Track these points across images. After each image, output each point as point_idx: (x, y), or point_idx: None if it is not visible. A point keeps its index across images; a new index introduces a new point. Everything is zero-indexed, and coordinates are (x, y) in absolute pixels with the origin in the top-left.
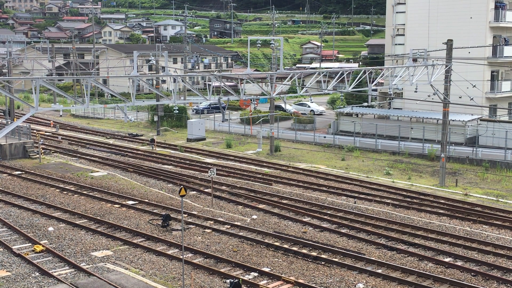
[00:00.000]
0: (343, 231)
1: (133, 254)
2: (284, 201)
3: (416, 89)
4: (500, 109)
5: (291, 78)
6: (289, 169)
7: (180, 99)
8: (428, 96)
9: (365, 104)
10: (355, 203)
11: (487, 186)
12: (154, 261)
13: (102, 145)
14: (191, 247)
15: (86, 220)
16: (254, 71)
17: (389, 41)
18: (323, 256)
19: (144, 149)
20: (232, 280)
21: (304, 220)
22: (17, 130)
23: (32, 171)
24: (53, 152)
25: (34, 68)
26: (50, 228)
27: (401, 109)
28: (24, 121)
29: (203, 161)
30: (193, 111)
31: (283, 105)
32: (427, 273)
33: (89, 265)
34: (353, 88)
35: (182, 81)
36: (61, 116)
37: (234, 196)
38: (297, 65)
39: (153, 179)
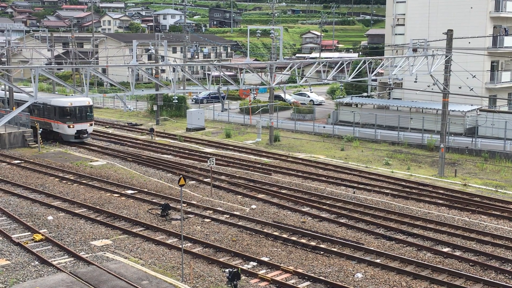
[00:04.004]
0: (342, 221)
1: (133, 243)
2: (283, 191)
3: (416, 79)
4: (500, 99)
5: (290, 68)
6: (289, 159)
7: (180, 89)
8: (428, 86)
9: (365, 94)
10: (354, 193)
11: (486, 177)
12: (153, 250)
13: (101, 134)
14: (190, 236)
15: (85, 209)
16: (253, 60)
17: (389, 31)
18: (322, 245)
19: (143, 138)
20: (231, 270)
21: (303, 210)
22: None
23: (31, 160)
24: (52, 141)
25: (33, 57)
26: (50, 217)
27: (401, 99)
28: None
29: (203, 150)
30: (192, 100)
31: (282, 95)
32: (425, 263)
33: (88, 254)
34: (353, 78)
35: (182, 70)
36: None
37: (233, 186)
38: (297, 55)
39: (153, 168)
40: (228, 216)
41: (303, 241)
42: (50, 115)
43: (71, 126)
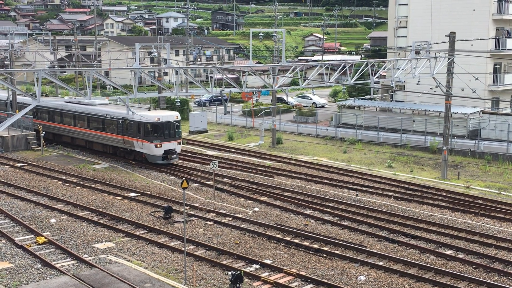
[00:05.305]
0: (344, 223)
1: (135, 246)
2: (286, 194)
3: (419, 81)
4: (502, 101)
5: (293, 70)
6: (291, 161)
7: (182, 92)
8: (431, 88)
9: (367, 96)
10: (357, 196)
11: (489, 179)
12: (156, 253)
13: None
14: (193, 239)
15: (88, 212)
16: (256, 63)
17: (391, 34)
18: (324, 248)
19: None
20: (233, 272)
21: (306, 212)
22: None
23: (34, 163)
24: (55, 144)
25: (36, 60)
26: (53, 220)
27: (403, 101)
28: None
29: (205, 153)
30: (195, 103)
31: (285, 98)
32: (428, 265)
33: (91, 257)
34: (355, 80)
35: (184, 73)
36: None
37: (236, 189)
38: (299, 58)
39: (155, 171)
40: (230, 218)
41: (306, 243)
42: (131, 132)
43: (158, 146)
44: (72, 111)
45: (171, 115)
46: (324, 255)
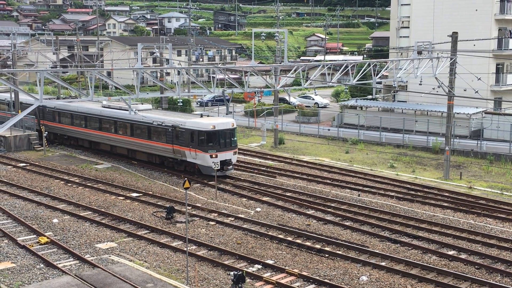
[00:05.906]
0: (347, 223)
1: (137, 246)
2: (288, 194)
3: (421, 81)
4: (505, 102)
5: (295, 70)
6: (293, 161)
7: (184, 92)
8: (433, 89)
9: (370, 96)
10: (359, 196)
11: (491, 179)
12: (158, 253)
13: None
14: (195, 239)
15: (90, 212)
16: (258, 63)
17: (393, 34)
18: (326, 248)
19: None
20: (236, 272)
21: (308, 212)
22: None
23: (36, 163)
24: (57, 144)
25: (39, 61)
26: (55, 220)
27: (406, 102)
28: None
29: None
30: (197, 103)
31: (287, 98)
32: (430, 266)
33: (93, 257)
34: (358, 81)
35: (186, 73)
36: None
37: (238, 189)
38: (302, 58)
39: (157, 171)
40: (233, 219)
41: (308, 244)
42: (183, 140)
43: (214, 156)
44: (112, 117)
45: (227, 122)
46: (326, 255)
